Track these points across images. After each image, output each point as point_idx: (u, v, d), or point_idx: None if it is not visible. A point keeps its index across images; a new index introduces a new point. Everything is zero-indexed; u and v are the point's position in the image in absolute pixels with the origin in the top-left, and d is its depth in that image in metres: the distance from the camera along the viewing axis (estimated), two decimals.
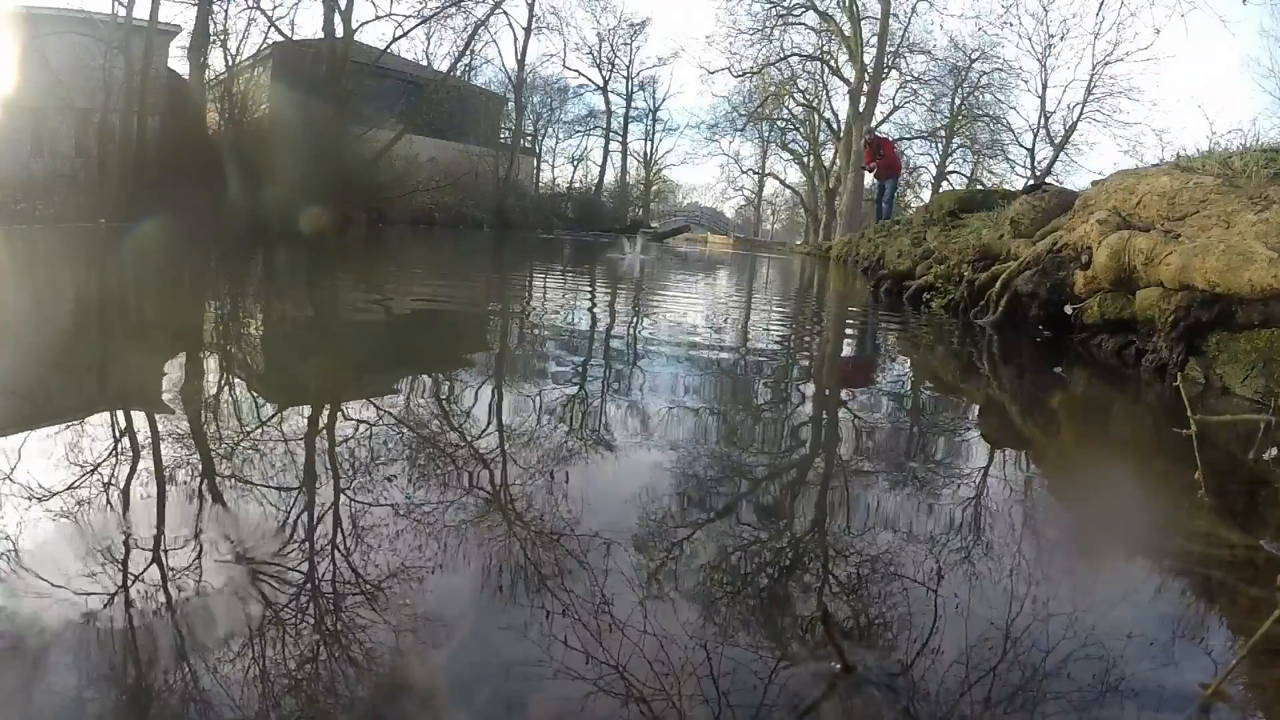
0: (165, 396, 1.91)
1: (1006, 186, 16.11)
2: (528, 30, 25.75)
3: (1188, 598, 1.18)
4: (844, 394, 2.61)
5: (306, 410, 1.86)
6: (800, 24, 24.38)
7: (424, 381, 2.25)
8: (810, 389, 2.69)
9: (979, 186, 21.67)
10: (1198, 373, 2.92)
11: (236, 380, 2.11)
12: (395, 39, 17.78)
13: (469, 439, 1.71)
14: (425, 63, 22.88)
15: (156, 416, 1.70)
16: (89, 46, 12.02)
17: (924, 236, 7.13)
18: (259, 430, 1.66)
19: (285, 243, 8.92)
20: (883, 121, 25.42)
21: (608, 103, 32.32)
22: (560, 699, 0.84)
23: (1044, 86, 25.40)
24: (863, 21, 22.59)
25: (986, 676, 0.92)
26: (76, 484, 1.30)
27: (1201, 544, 1.38)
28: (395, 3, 28.19)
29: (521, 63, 26.22)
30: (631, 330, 3.75)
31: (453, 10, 18.97)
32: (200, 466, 1.42)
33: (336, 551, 1.14)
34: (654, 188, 36.50)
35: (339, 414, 1.85)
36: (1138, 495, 1.74)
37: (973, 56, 24.99)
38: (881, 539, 1.31)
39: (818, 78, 26.27)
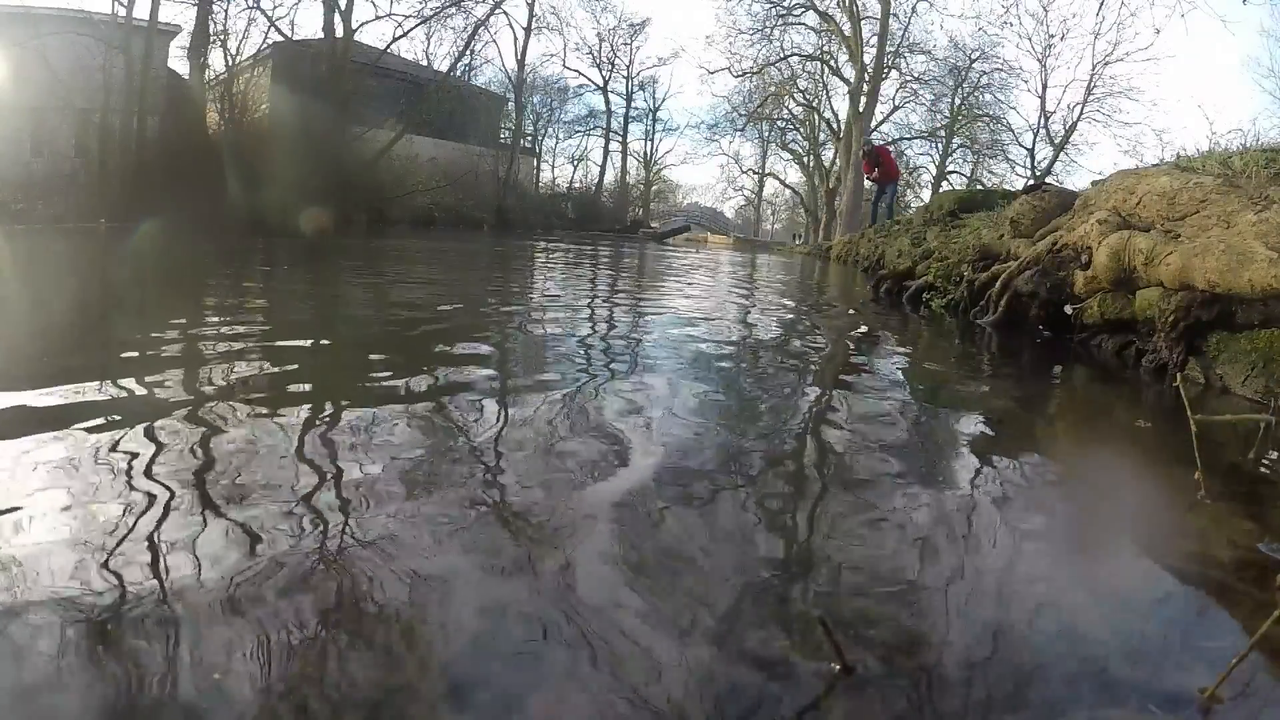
0: (165, 395, 1.90)
1: (1006, 186, 16.16)
2: (528, 30, 25.84)
3: (1187, 598, 1.18)
4: (843, 393, 2.61)
5: (305, 407, 1.86)
6: (800, 24, 24.47)
7: (420, 375, 2.25)
8: (809, 389, 2.69)
9: (979, 186, 21.72)
10: (1198, 373, 2.92)
11: (238, 380, 2.10)
12: (395, 39, 17.85)
13: (468, 432, 1.71)
14: (425, 63, 22.92)
15: (156, 412, 1.70)
16: (89, 46, 12.03)
17: (924, 236, 7.13)
18: (260, 429, 1.66)
19: (285, 244, 8.92)
20: (883, 121, 25.52)
21: (608, 103, 32.41)
22: (557, 696, 0.84)
23: (1044, 86, 25.49)
24: (863, 21, 22.65)
25: (984, 676, 0.92)
26: (77, 481, 1.29)
27: (1201, 544, 1.38)
28: (395, 3, 28.29)
29: (521, 63, 26.30)
30: (631, 322, 3.75)
31: (453, 10, 19.03)
32: (200, 460, 1.42)
33: (337, 543, 1.13)
34: (654, 188, 36.56)
35: (338, 411, 1.85)
36: (1138, 495, 1.74)
37: (973, 56, 25.08)
38: (880, 538, 1.31)
39: (818, 78, 26.36)
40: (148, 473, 1.35)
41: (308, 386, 2.01)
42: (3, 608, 0.91)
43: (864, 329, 4.58)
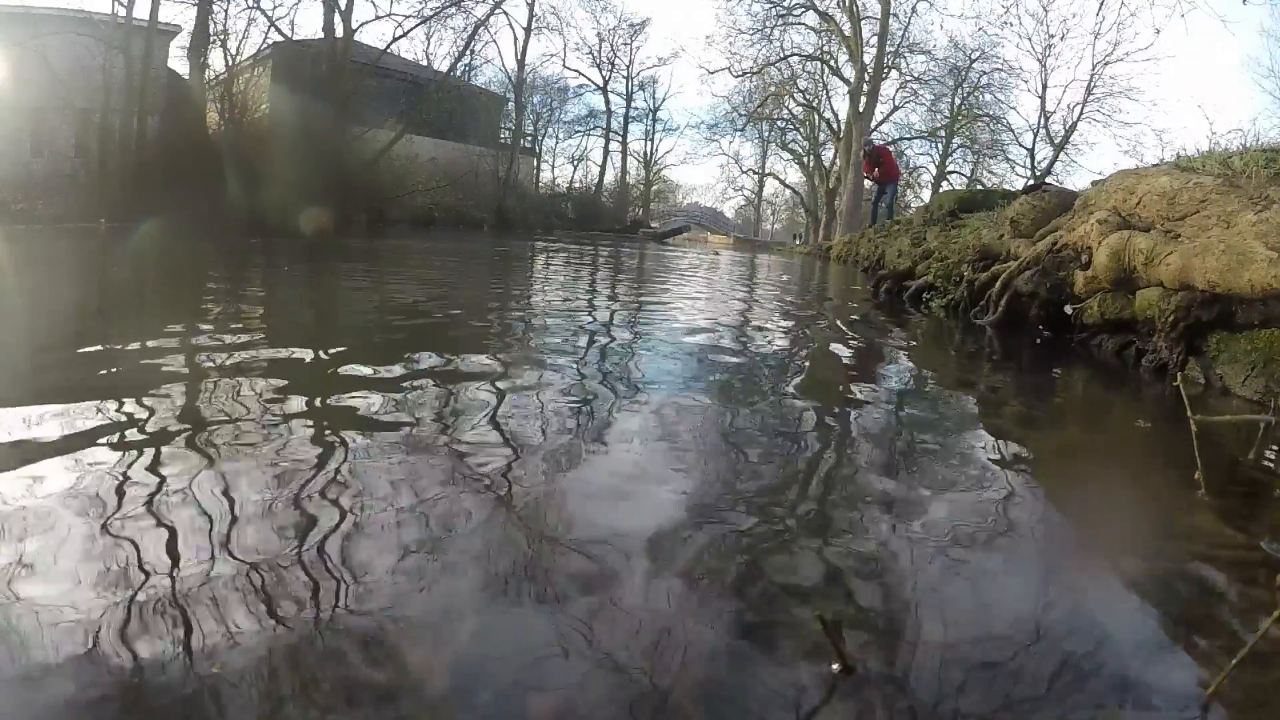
0: (167, 395, 1.90)
1: (1006, 186, 16.18)
2: (528, 30, 25.83)
3: (1188, 598, 1.18)
4: (843, 393, 2.61)
5: (305, 432, 1.86)
6: (800, 24, 24.49)
7: (423, 396, 2.25)
8: (809, 388, 2.69)
9: (979, 186, 21.73)
10: (1198, 373, 2.92)
11: (237, 402, 2.10)
12: (395, 39, 17.85)
13: (482, 466, 1.71)
14: (425, 63, 22.94)
15: (156, 412, 1.71)
16: (89, 46, 12.02)
17: (924, 236, 7.13)
18: (260, 430, 1.66)
19: (285, 244, 8.92)
20: (883, 121, 25.52)
21: (608, 103, 32.41)
22: (558, 698, 0.84)
23: (1044, 86, 25.51)
24: (863, 21, 22.66)
25: (986, 677, 0.92)
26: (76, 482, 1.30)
27: (1201, 544, 1.38)
28: (395, 3, 28.32)
29: (521, 63, 26.29)
30: (634, 333, 3.75)
31: (453, 10, 19.03)
32: (198, 460, 1.42)
33: (336, 542, 1.13)
34: (654, 188, 36.55)
35: (340, 440, 1.85)
36: (1137, 495, 1.74)
37: (973, 56, 25.10)
38: (881, 538, 1.31)
39: (818, 78, 26.37)
40: (141, 510, 1.25)
41: (308, 408, 1.96)
42: None
43: (866, 331, 4.58)
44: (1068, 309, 3.97)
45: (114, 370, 2.24)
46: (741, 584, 1.12)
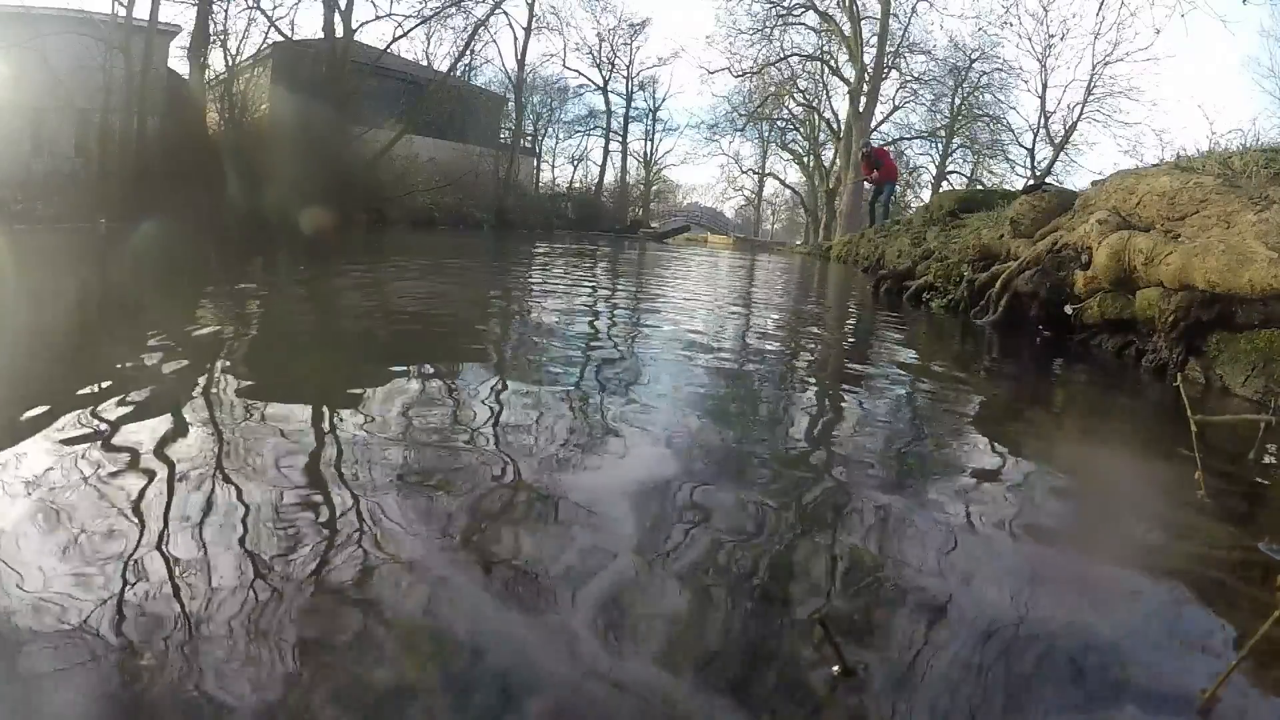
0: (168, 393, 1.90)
1: (1006, 186, 16.17)
2: (528, 30, 25.77)
3: (1187, 598, 1.18)
4: (843, 393, 2.61)
5: (303, 404, 1.86)
6: (800, 24, 24.47)
7: (416, 365, 2.25)
8: (809, 388, 2.69)
9: (979, 186, 21.70)
10: (1198, 373, 2.92)
11: (237, 378, 2.10)
12: (395, 39, 17.81)
13: (467, 428, 1.71)
14: (425, 63, 22.91)
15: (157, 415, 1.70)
16: (89, 46, 12.01)
17: (924, 236, 7.13)
18: (258, 428, 1.66)
19: (285, 244, 8.91)
20: (883, 121, 25.50)
21: (608, 103, 32.34)
22: (556, 698, 0.84)
23: (1044, 86, 25.46)
24: (863, 21, 22.67)
25: (986, 678, 0.92)
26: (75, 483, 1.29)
27: (1201, 544, 1.38)
28: (395, 3, 28.31)
29: (521, 63, 26.24)
30: (635, 345, 3.75)
31: (453, 10, 19.00)
32: (198, 461, 1.42)
33: (332, 540, 1.13)
34: (654, 188, 36.47)
35: (334, 406, 1.85)
36: (1137, 495, 1.74)
37: (973, 56, 25.06)
38: (880, 540, 1.31)
39: (818, 78, 26.33)
40: (137, 513, 1.25)
41: (306, 409, 1.98)
42: None
43: (862, 329, 4.58)
44: (1068, 309, 3.97)
45: (108, 380, 2.23)
46: (742, 584, 1.12)
